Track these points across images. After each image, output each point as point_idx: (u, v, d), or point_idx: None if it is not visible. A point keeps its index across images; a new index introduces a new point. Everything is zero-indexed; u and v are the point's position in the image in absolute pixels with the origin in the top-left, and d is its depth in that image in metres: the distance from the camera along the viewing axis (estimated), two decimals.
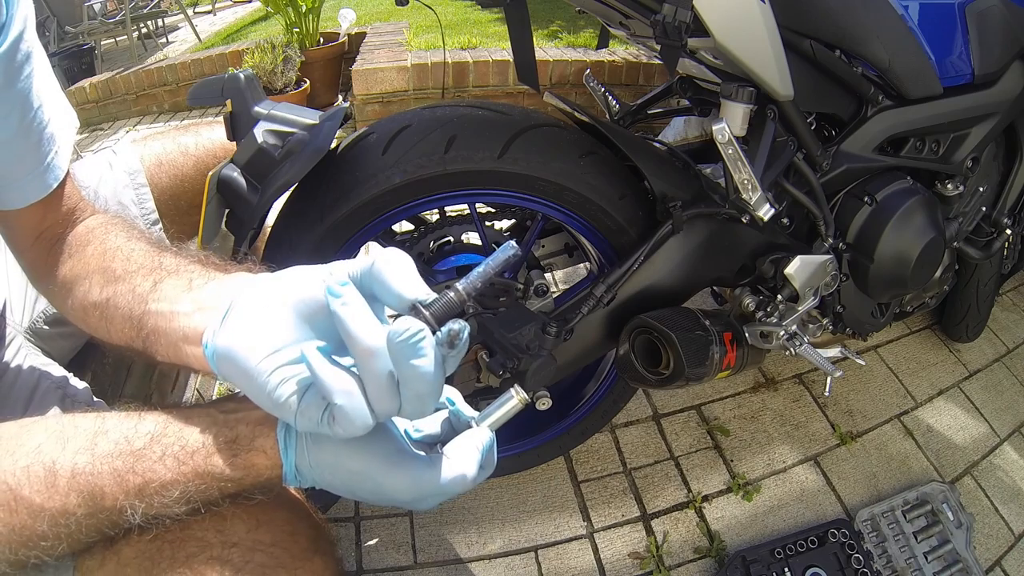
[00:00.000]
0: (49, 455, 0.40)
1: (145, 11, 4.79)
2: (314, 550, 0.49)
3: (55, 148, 0.54)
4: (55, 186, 0.55)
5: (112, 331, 0.49)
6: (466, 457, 0.42)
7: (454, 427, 0.45)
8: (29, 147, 0.52)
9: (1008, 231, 1.18)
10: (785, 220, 0.97)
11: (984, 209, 1.15)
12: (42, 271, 0.57)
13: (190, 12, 5.10)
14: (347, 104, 2.62)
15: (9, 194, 0.53)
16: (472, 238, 1.03)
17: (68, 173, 0.57)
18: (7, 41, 0.47)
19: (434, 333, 0.35)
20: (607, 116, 1.20)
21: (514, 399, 0.44)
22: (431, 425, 0.45)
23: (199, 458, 0.40)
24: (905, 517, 1.11)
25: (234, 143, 0.76)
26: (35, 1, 0.52)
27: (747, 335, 0.94)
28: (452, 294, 0.37)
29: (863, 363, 1.20)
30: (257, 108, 0.75)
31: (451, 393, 0.46)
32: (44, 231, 0.56)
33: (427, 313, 0.36)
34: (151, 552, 0.43)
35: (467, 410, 0.45)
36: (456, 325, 0.35)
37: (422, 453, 0.42)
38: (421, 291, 0.37)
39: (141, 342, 0.46)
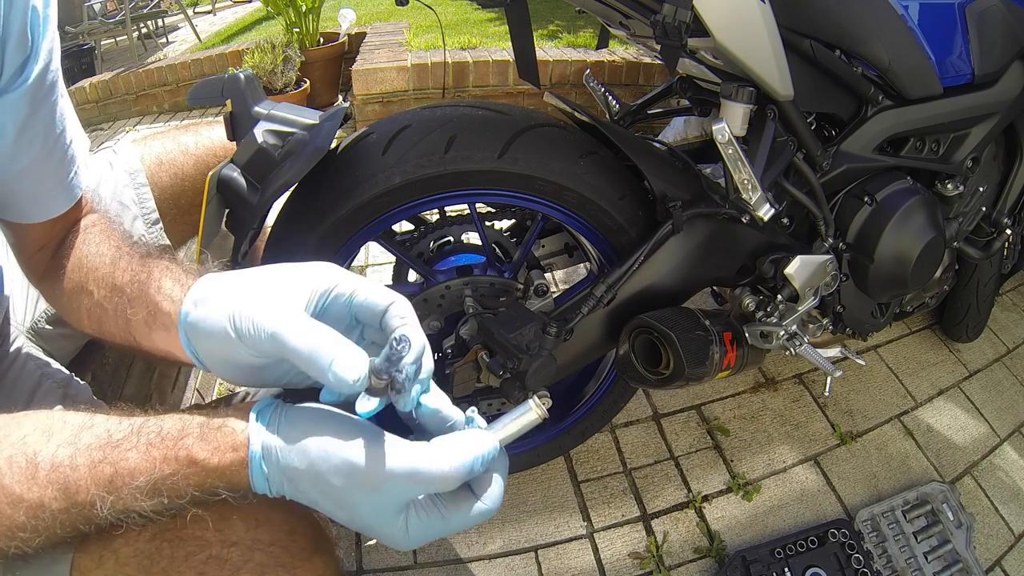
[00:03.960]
0: (32, 447, 0.40)
1: (145, 11, 4.79)
2: (313, 549, 0.49)
3: (74, 168, 0.57)
4: (72, 204, 0.57)
5: (105, 334, 0.52)
6: (451, 449, 0.39)
7: None
8: (50, 169, 0.54)
9: (1008, 231, 1.18)
10: (785, 220, 0.97)
11: (984, 209, 1.15)
12: (42, 275, 0.60)
13: (190, 12, 5.10)
14: (347, 104, 2.63)
15: (31, 210, 0.55)
16: (472, 238, 1.03)
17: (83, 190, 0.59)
18: (34, 73, 0.49)
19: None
20: (607, 116, 1.20)
21: (531, 412, 0.42)
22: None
23: (168, 442, 0.39)
24: (905, 517, 1.11)
25: (234, 143, 0.76)
26: None
27: (747, 335, 0.94)
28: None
29: (863, 363, 1.20)
30: (257, 108, 0.75)
31: (471, 412, 0.44)
32: (52, 239, 0.59)
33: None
34: (150, 551, 0.43)
35: (481, 422, 0.43)
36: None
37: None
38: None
39: (136, 342, 0.49)
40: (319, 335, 0.39)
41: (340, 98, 3.18)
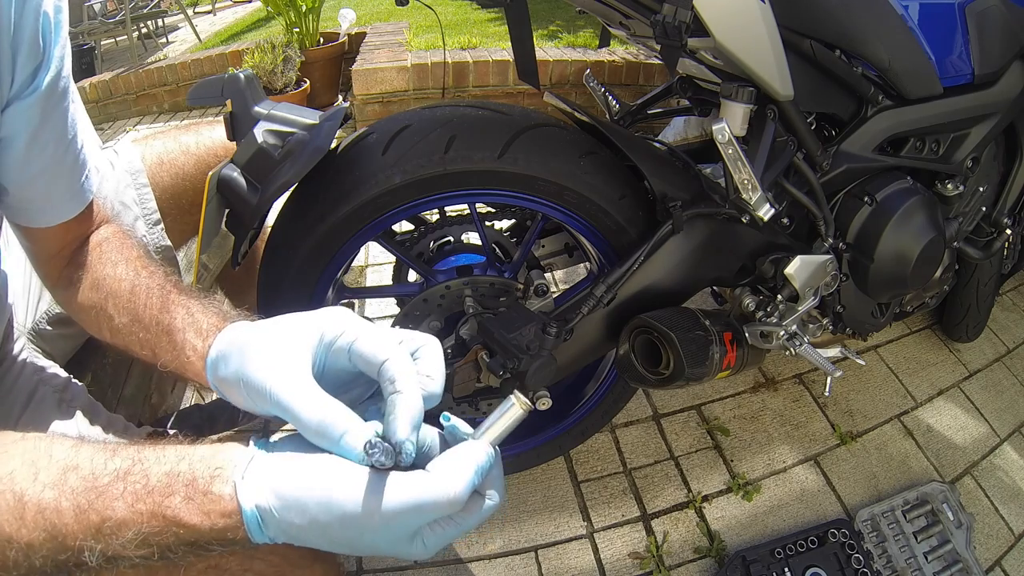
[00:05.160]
0: (20, 484, 0.38)
1: (145, 11, 4.79)
2: (313, 556, 0.49)
3: (85, 173, 0.57)
4: (83, 208, 0.58)
5: (130, 353, 0.55)
6: (452, 472, 0.37)
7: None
8: (62, 173, 0.55)
9: (1008, 231, 1.18)
10: (785, 220, 0.97)
11: (984, 209, 1.15)
12: (56, 281, 0.60)
13: (190, 12, 5.10)
14: (347, 104, 2.63)
15: (43, 215, 0.56)
16: (472, 238, 1.03)
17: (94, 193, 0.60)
18: (46, 81, 0.49)
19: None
20: (607, 116, 1.20)
21: (515, 407, 0.41)
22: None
23: (156, 497, 0.38)
24: (905, 517, 1.11)
25: (234, 143, 0.76)
26: None
27: (747, 335, 0.94)
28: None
29: (863, 363, 1.20)
30: (257, 108, 0.75)
31: (444, 420, 0.43)
32: (66, 245, 0.59)
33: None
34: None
35: (464, 427, 0.42)
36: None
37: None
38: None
39: (157, 360, 0.52)
40: (325, 410, 0.38)
41: (340, 98, 3.18)
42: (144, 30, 5.01)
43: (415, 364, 0.43)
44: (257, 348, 0.42)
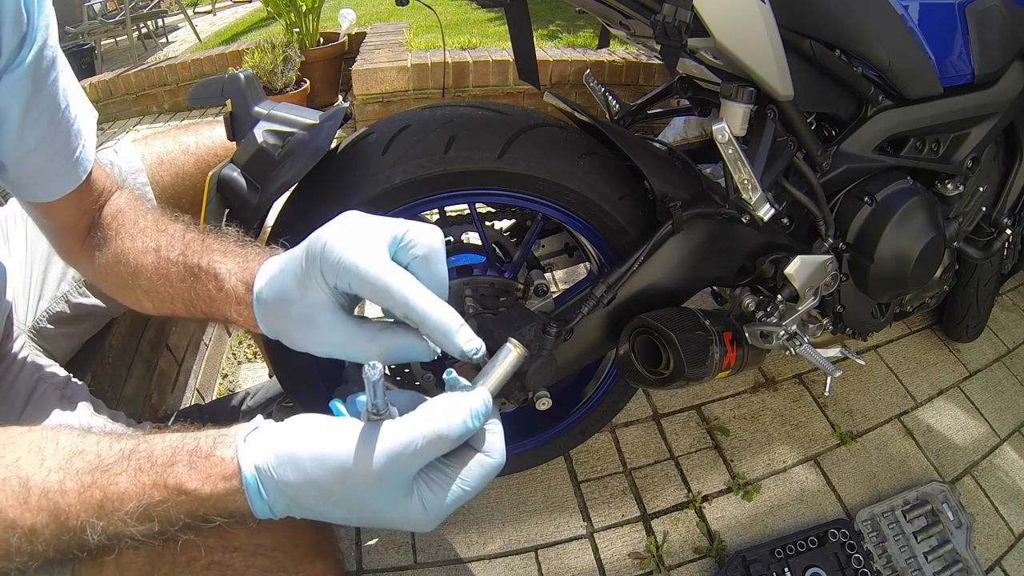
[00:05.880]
0: (25, 470, 0.39)
1: (145, 11, 4.79)
2: (315, 553, 0.49)
3: (82, 142, 0.57)
4: (84, 177, 0.58)
5: (176, 313, 0.56)
6: (440, 409, 0.37)
7: None
8: (59, 145, 0.55)
9: (1008, 231, 1.18)
10: (785, 220, 0.97)
11: (984, 209, 1.15)
12: (78, 256, 0.61)
13: (190, 12, 5.10)
14: (347, 104, 2.63)
15: (44, 188, 0.56)
16: (472, 238, 1.03)
17: (95, 162, 0.60)
18: (33, 51, 0.49)
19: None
20: (607, 116, 1.20)
21: (513, 352, 0.41)
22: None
23: (158, 467, 0.38)
24: (905, 517, 1.11)
25: (234, 143, 0.76)
26: None
27: (747, 335, 0.94)
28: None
29: (863, 363, 1.20)
30: (257, 108, 0.75)
31: (446, 375, 0.44)
32: (80, 217, 0.59)
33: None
34: (151, 556, 0.43)
35: (464, 381, 0.43)
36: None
37: None
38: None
39: (192, 310, 0.53)
40: (443, 305, 0.40)
41: (340, 98, 3.18)
42: (144, 30, 5.02)
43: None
44: (338, 232, 0.41)
